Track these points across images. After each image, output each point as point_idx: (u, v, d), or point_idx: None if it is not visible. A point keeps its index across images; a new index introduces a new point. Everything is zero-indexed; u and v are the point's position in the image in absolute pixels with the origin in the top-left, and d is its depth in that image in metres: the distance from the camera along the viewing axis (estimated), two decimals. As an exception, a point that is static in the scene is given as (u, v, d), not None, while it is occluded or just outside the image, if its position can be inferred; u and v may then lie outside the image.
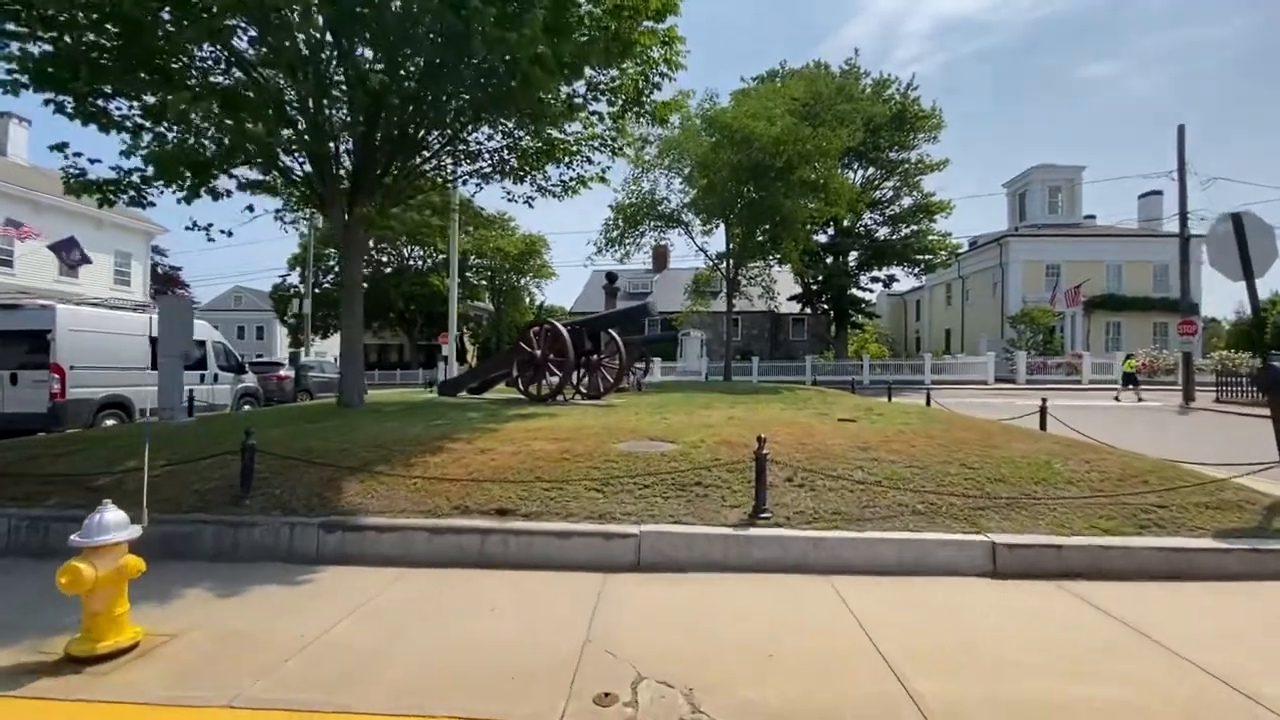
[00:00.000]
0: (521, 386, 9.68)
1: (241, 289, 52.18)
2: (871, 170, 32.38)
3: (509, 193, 10.22)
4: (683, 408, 8.38)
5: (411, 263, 40.58)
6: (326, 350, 50.77)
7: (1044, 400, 8.37)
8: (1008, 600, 3.56)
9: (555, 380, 9.46)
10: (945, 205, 31.96)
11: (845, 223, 32.03)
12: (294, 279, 36.81)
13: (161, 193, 7.65)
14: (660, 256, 44.84)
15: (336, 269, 40.26)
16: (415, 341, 39.97)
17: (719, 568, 4.09)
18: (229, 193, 8.29)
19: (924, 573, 4.00)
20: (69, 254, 19.89)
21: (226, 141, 6.63)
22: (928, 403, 11.94)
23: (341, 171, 8.34)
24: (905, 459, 5.27)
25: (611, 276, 12.93)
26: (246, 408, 13.14)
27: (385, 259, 40.21)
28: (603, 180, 10.26)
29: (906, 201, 32.73)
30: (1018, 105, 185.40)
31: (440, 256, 40.54)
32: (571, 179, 10.16)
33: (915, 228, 32.36)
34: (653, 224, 19.75)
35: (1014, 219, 39.13)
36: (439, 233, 32.74)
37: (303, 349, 19.74)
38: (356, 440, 5.87)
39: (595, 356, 10.65)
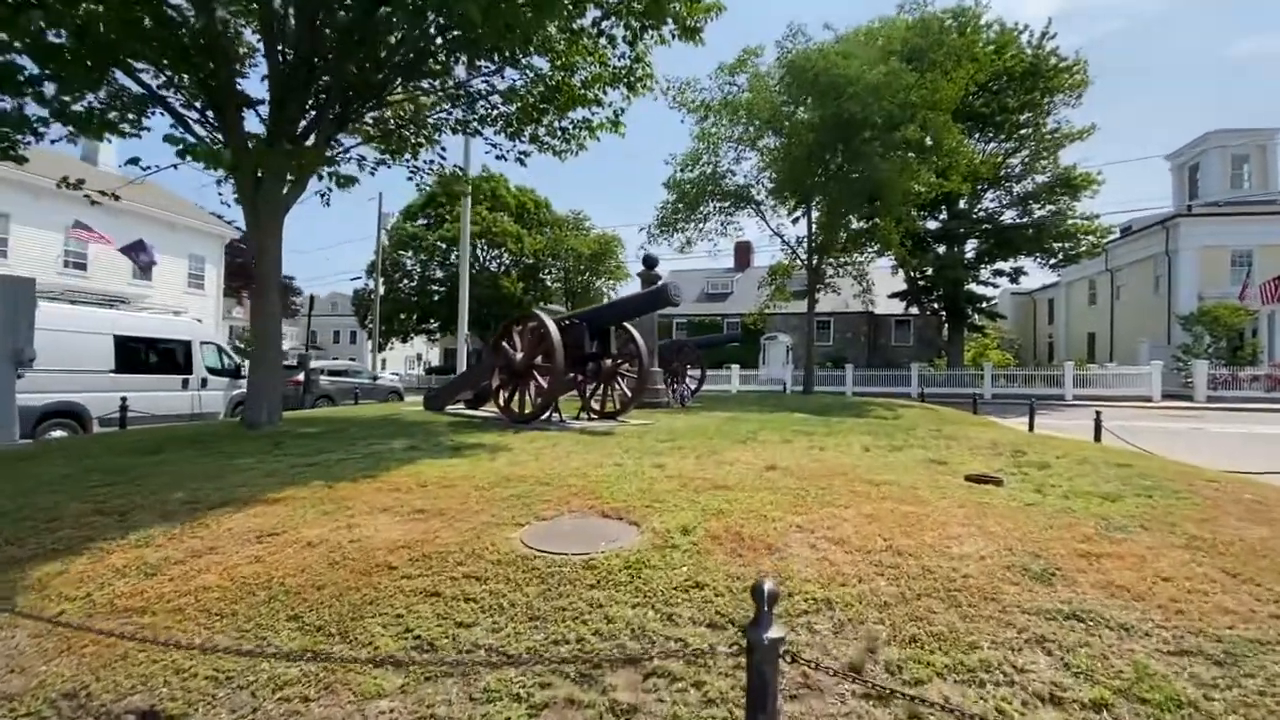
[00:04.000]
0: (501, 402, 7.19)
1: (338, 294, 54.54)
2: (993, 144, 26.91)
3: (496, 146, 7.80)
4: (705, 443, 5.48)
5: (487, 265, 39.99)
6: (407, 356, 51.88)
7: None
8: None
9: (544, 393, 6.89)
10: (1091, 180, 25.77)
11: (961, 203, 26.90)
12: (372, 283, 37.27)
13: (35, 141, 5.94)
14: (742, 253, 41.45)
15: (416, 270, 40.49)
16: (488, 345, 39.31)
17: None
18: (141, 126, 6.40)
19: None
20: (138, 255, 20.19)
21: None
22: (1097, 435, 8.10)
23: (250, 112, 6.30)
24: (1160, 620, 2.14)
25: (649, 261, 10.14)
26: (245, 415, 11.70)
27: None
28: (615, 126, 7.60)
29: (1040, 178, 26.90)
30: (1158, 88, 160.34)
31: (511, 258, 39.66)
32: (574, 125, 7.59)
33: (1052, 208, 26.55)
34: (718, 204, 16.64)
35: (1182, 197, 31.81)
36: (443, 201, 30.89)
37: (308, 350, 18.69)
38: (124, 498, 3.59)
39: (610, 361, 7.92)
